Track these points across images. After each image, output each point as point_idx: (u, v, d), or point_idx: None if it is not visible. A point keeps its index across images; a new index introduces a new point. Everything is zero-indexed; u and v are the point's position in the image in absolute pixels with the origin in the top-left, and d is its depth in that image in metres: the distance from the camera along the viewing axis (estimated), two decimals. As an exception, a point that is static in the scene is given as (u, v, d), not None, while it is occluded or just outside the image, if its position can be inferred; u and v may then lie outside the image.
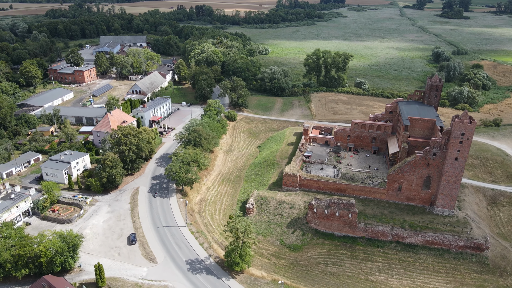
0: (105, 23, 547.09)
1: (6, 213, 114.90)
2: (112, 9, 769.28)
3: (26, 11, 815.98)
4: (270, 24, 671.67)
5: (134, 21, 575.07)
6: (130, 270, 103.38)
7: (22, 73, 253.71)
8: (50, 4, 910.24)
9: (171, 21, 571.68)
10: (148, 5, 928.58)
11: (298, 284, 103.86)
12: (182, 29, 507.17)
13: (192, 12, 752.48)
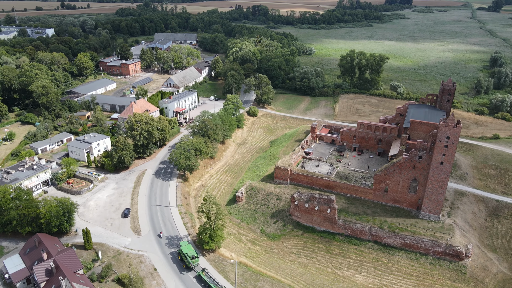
0: (163, 21, 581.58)
1: (27, 181, 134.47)
2: (174, 8, 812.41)
3: (101, 9, 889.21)
4: (323, 25, 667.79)
5: (190, 19, 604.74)
6: (116, 239, 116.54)
7: (76, 64, 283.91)
8: (121, 3, 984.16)
9: (225, 20, 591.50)
10: (209, 5, 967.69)
11: (263, 268, 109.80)
12: (233, 28, 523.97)
13: (249, 12, 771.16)
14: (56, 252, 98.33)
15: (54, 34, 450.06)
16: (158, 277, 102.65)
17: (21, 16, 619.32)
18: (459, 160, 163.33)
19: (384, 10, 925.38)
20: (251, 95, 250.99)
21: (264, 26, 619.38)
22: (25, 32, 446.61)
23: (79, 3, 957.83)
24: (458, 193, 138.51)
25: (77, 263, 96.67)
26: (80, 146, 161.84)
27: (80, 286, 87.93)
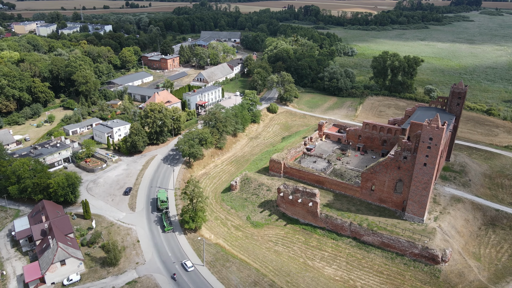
0: (213, 20, 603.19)
1: (49, 156, 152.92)
2: (228, 7, 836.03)
3: (161, 8, 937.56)
4: (374, 26, 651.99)
5: (239, 19, 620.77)
6: (113, 213, 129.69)
7: (120, 57, 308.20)
8: (180, 2, 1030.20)
9: (272, 20, 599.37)
10: (263, 5, 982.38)
11: (236, 251, 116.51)
12: (278, 27, 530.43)
13: (300, 12, 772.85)
14: (54, 217, 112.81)
15: (111, 30, 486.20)
16: (139, 248, 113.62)
17: (87, 14, 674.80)
18: (469, 167, 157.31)
19: (448, 11, 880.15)
20: (276, 92, 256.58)
21: (312, 27, 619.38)
22: (86, 28, 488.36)
23: (142, 2, 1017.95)
24: (454, 199, 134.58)
25: (68, 228, 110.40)
26: (103, 130, 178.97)
27: (65, 246, 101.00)
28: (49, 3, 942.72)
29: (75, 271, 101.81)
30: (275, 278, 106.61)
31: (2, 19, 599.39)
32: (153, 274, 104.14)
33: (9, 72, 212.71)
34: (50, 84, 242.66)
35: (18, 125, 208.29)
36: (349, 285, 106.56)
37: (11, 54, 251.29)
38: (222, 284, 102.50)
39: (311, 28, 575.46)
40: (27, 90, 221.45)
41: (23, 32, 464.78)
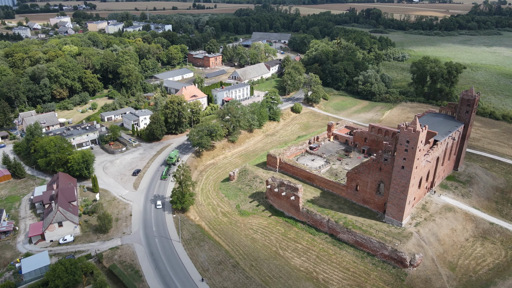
0: (269, 22, 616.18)
1: (78, 137, 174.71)
2: (288, 10, 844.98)
3: (224, 10, 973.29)
4: (438, 31, 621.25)
5: (295, 21, 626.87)
6: (118, 189, 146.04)
7: (167, 54, 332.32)
8: (246, 4, 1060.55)
9: (328, 23, 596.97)
10: (326, 7, 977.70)
11: (214, 234, 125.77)
12: (332, 30, 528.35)
13: (360, 15, 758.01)
14: (64, 187, 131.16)
15: (170, 29, 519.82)
16: (129, 221, 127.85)
17: (153, 14, 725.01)
18: (478, 178, 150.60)
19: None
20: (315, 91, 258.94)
21: (370, 30, 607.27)
22: (148, 27, 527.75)
23: (208, 4, 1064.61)
24: (446, 208, 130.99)
25: (72, 196, 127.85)
26: (130, 118, 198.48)
27: (64, 211, 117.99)
28: (126, 4, 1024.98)
29: (70, 233, 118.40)
30: (241, 261, 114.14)
31: (82, 18, 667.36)
32: (134, 243, 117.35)
33: (65, 63, 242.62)
34: (101, 76, 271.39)
35: (67, 110, 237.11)
36: (311, 276, 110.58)
37: (71, 48, 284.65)
38: (190, 259, 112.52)
39: (369, 31, 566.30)
40: (79, 80, 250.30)
41: (95, 30, 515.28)
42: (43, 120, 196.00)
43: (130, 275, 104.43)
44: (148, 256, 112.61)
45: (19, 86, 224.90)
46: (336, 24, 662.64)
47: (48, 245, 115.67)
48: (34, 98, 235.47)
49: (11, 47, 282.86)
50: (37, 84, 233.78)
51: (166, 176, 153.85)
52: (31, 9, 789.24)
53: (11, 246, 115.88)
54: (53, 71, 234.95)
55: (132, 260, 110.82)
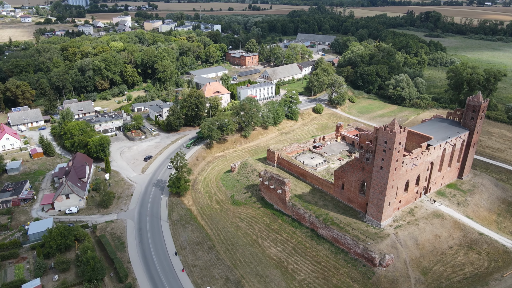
0: (317, 23, 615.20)
1: (104, 124, 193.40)
2: (342, 12, 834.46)
3: (279, 11, 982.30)
4: (502, 36, 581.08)
5: (345, 23, 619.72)
6: (128, 172, 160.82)
7: (205, 53, 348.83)
8: (301, 6, 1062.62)
9: (378, 25, 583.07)
10: (382, 10, 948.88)
11: (201, 218, 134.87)
12: (380, 33, 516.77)
13: (417, 18, 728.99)
14: (78, 165, 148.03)
15: (218, 29, 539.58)
16: (129, 200, 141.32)
17: (206, 15, 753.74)
18: (482, 189, 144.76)
19: None
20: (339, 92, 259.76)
21: (425, 34, 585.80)
22: (198, 26, 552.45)
23: (264, 5, 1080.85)
24: (435, 214, 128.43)
25: (83, 173, 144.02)
26: (155, 109, 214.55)
27: (72, 185, 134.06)
28: (186, 5, 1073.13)
29: (75, 205, 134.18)
30: (218, 244, 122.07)
31: (143, 17, 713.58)
32: (127, 219, 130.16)
33: (108, 58, 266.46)
34: (141, 71, 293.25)
35: (106, 100, 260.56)
36: (281, 265, 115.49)
37: (118, 44, 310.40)
38: (172, 237, 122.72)
39: (423, 35, 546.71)
40: (119, 73, 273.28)
41: (149, 28, 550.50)
42: (80, 107, 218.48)
43: (115, 245, 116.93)
44: (136, 231, 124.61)
45: (67, 77, 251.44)
46: (390, 27, 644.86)
47: (56, 213, 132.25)
48: (80, 88, 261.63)
49: (66, 43, 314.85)
50: (83, 76, 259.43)
51: (190, 144, 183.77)
52: (100, 9, 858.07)
53: (27, 211, 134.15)
54: (97, 65, 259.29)
55: (121, 233, 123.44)
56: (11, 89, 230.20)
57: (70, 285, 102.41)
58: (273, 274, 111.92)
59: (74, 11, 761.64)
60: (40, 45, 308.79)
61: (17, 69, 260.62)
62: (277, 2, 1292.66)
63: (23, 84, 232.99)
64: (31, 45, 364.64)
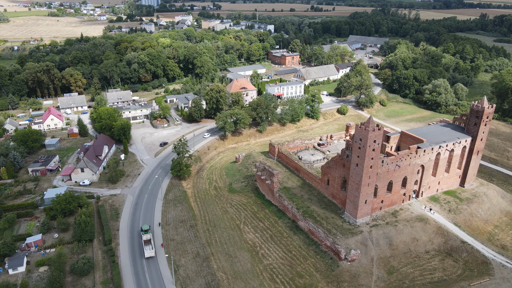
0: (375, 25, 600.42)
1: (133, 111, 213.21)
2: (408, 14, 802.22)
3: (341, 12, 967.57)
4: None
5: (404, 25, 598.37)
6: (142, 154, 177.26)
7: (247, 51, 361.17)
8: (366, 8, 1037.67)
9: (440, 28, 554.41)
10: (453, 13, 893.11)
11: (193, 200, 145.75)
12: (439, 36, 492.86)
13: (488, 22, 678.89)
14: (98, 144, 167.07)
15: (270, 30, 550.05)
16: (135, 178, 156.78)
17: (264, 15, 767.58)
18: (484, 198, 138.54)
19: None
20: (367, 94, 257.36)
21: (495, 39, 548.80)
22: (252, 26, 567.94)
23: (326, 6, 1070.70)
24: (419, 218, 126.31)
25: (100, 152, 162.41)
26: (182, 101, 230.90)
27: (87, 161, 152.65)
28: (248, 5, 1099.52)
29: (89, 178, 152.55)
30: (200, 224, 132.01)
31: (205, 17, 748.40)
32: (128, 194, 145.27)
33: (152, 52, 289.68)
34: (183, 66, 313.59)
35: (146, 91, 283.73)
36: (253, 249, 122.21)
37: (165, 40, 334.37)
38: (161, 213, 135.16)
39: (494, 40, 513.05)
40: (162, 67, 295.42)
41: (206, 27, 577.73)
42: (120, 96, 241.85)
43: (111, 215, 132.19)
44: (133, 205, 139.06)
45: (115, 69, 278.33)
46: (457, 31, 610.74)
47: (72, 184, 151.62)
48: (125, 79, 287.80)
49: (119, 38, 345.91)
50: (129, 68, 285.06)
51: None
52: (168, 9, 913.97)
53: (50, 180, 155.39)
54: (142, 59, 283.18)
55: (119, 206, 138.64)
56: (66, 77, 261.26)
57: (66, 243, 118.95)
58: (242, 256, 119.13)
59: (144, 10, 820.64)
60: (97, 39, 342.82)
61: (75, 60, 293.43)
62: (342, 4, 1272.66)
63: (76, 74, 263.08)
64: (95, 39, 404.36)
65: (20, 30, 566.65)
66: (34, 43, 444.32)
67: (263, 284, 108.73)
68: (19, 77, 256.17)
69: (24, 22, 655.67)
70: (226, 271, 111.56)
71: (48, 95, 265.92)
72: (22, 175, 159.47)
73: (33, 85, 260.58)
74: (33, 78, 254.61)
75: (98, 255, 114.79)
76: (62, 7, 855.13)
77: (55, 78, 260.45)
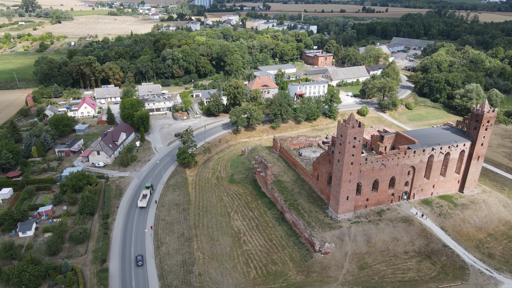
0: (424, 28, 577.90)
1: (157, 103, 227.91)
2: (466, 16, 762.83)
3: (393, 14, 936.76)
4: None
5: (456, 28, 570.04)
6: (157, 143, 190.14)
7: (280, 50, 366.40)
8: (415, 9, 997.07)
9: (495, 32, 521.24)
10: None
11: (192, 187, 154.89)
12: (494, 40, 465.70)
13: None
14: (116, 131, 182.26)
15: (313, 30, 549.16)
16: (145, 164, 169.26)
17: (309, 16, 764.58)
18: (484, 207, 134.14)
19: None
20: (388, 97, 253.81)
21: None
22: (295, 26, 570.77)
23: (379, 8, 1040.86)
24: (404, 219, 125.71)
25: (117, 138, 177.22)
26: (205, 95, 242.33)
27: (104, 145, 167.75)
28: (298, 6, 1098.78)
29: (103, 161, 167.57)
30: (193, 208, 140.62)
31: (253, 17, 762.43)
32: (134, 177, 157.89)
33: (186, 49, 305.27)
34: (215, 63, 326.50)
35: (178, 86, 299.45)
36: (236, 235, 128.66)
37: (201, 38, 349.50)
38: (160, 196, 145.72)
39: None
40: (194, 64, 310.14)
41: (249, 27, 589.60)
42: (150, 89, 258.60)
43: (115, 194, 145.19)
44: (136, 187, 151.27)
45: (150, 64, 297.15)
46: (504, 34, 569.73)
47: (89, 165, 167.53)
48: (160, 74, 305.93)
49: (159, 36, 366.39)
50: (163, 64, 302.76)
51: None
52: (218, 9, 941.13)
53: (71, 160, 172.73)
54: (176, 55, 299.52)
55: (124, 186, 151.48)
56: (106, 70, 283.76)
57: (71, 214, 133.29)
58: (224, 240, 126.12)
59: (195, 10, 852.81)
60: (138, 36, 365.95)
61: (117, 55, 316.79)
62: (399, 5, 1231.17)
63: (115, 67, 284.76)
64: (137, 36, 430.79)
65: (80, 27, 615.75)
66: (89, 39, 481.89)
67: (236, 266, 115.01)
68: (66, 69, 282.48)
69: (85, 20, 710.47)
70: (204, 251, 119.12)
71: (90, 86, 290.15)
72: (50, 154, 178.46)
73: (77, 77, 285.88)
74: (77, 70, 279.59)
75: (95, 227, 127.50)
76: (122, 7, 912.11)
77: (96, 71, 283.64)
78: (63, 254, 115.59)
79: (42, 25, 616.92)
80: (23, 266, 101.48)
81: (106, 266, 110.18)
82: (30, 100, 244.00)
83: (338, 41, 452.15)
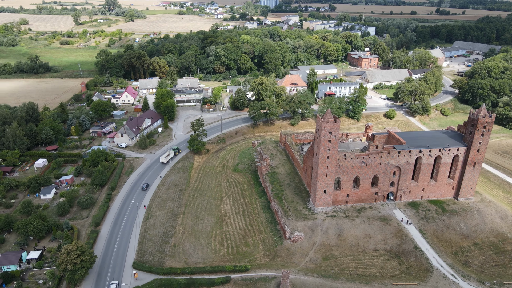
0: (497, 31, 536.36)
1: (188, 95, 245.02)
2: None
3: (470, 17, 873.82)
4: None
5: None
6: (178, 131, 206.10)
7: (324, 51, 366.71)
8: (492, 11, 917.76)
9: None
10: None
11: (196, 172, 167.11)
12: None
13: None
14: (142, 117, 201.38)
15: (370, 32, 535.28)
16: (160, 148, 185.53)
17: (371, 17, 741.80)
18: (477, 215, 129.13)
19: None
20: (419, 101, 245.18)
21: None
22: (352, 27, 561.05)
23: (455, 10, 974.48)
24: (382, 218, 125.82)
25: (141, 123, 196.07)
26: (235, 90, 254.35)
27: (127, 128, 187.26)
28: (367, 7, 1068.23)
29: (125, 142, 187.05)
30: (189, 189, 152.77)
31: (315, 18, 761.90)
32: (147, 159, 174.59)
33: (228, 47, 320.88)
34: (257, 61, 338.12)
35: (217, 81, 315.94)
36: (220, 217, 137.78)
37: (246, 37, 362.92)
38: (163, 177, 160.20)
39: None
40: (235, 61, 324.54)
41: (305, 27, 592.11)
42: (188, 82, 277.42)
43: (126, 171, 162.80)
44: (146, 167, 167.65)
45: (193, 60, 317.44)
46: None
47: (114, 145, 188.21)
48: (202, 69, 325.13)
49: (208, 33, 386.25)
50: (207, 59, 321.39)
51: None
52: (282, 9, 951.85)
53: (101, 140, 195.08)
54: (218, 52, 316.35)
55: (137, 166, 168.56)
56: (153, 63, 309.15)
57: (85, 184, 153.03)
58: (208, 220, 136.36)
59: (259, 10, 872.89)
60: (188, 34, 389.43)
61: (167, 50, 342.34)
62: (480, 7, 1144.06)
63: (161, 61, 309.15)
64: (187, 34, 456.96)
65: (149, 25, 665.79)
66: (153, 36, 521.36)
67: (210, 243, 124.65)
68: (119, 61, 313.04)
69: (156, 19, 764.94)
70: (186, 227, 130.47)
71: (139, 78, 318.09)
72: (85, 134, 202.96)
73: (128, 69, 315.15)
74: (128, 63, 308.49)
75: (101, 197, 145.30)
76: (191, 7, 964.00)
77: (144, 64, 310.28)
78: (70, 215, 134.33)
79: (116, 22, 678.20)
80: (30, 220, 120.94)
81: (98, 229, 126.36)
82: (83, 87, 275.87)
83: (390, 44, 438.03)
